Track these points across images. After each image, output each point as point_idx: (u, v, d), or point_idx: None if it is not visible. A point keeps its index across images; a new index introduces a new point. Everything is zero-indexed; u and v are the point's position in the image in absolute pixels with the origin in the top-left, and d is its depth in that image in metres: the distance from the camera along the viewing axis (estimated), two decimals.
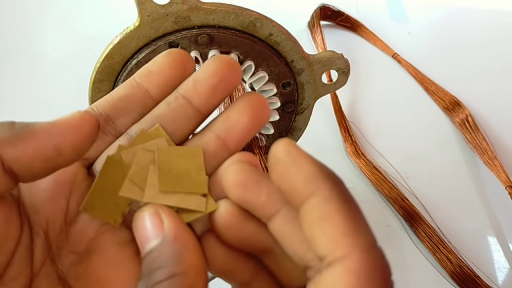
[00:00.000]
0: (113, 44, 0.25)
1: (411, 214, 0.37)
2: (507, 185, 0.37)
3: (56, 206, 0.17)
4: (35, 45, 0.57)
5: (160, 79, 0.18)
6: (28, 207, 0.16)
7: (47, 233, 0.17)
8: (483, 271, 0.33)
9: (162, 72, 0.18)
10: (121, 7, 0.62)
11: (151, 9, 0.24)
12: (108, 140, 0.18)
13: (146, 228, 0.16)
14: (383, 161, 0.42)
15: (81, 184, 0.17)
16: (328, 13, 0.58)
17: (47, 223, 0.17)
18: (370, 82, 0.51)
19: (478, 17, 0.61)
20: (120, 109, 0.18)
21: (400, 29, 0.59)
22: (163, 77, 0.18)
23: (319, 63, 0.28)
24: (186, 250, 0.15)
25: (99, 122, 0.17)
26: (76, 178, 0.17)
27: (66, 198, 0.17)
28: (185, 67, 0.18)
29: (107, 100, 0.18)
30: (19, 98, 0.49)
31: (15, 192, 0.16)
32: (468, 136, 0.43)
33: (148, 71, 0.18)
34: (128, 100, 0.18)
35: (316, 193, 0.13)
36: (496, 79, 0.51)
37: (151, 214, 0.16)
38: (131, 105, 0.18)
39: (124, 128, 0.18)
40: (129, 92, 0.18)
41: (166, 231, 0.15)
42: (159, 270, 0.14)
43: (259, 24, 0.26)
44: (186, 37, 0.25)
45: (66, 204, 0.17)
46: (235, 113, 0.17)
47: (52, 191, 0.17)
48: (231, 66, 0.17)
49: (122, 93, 0.18)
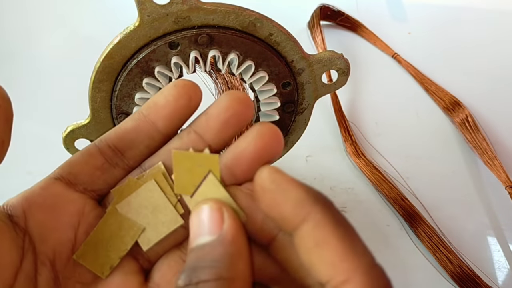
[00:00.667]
0: (113, 44, 0.25)
1: (411, 214, 0.37)
2: (507, 185, 0.37)
3: (63, 236, 0.17)
4: (35, 45, 0.57)
5: (166, 112, 0.17)
6: (35, 237, 0.16)
7: (53, 263, 0.17)
8: (483, 271, 0.33)
9: (168, 105, 0.17)
10: (121, 7, 0.62)
11: (151, 9, 0.24)
12: (116, 173, 0.18)
13: (204, 221, 0.15)
14: (383, 161, 0.42)
15: (90, 214, 0.18)
16: (328, 13, 0.58)
17: (54, 253, 0.17)
18: (370, 82, 0.51)
19: (478, 17, 0.61)
20: (127, 141, 0.18)
21: (400, 29, 0.59)
22: (169, 109, 0.17)
23: (319, 63, 0.28)
24: (239, 256, 0.15)
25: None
26: (84, 209, 0.17)
27: (74, 228, 0.17)
28: (191, 99, 0.17)
29: (115, 132, 0.18)
30: (19, 98, 0.49)
31: (21, 222, 0.16)
32: (468, 136, 0.43)
33: (154, 104, 0.18)
34: (135, 133, 0.18)
35: (307, 218, 0.13)
36: (496, 79, 0.51)
37: (214, 209, 0.16)
38: (138, 138, 0.18)
39: (132, 160, 0.18)
40: (136, 125, 0.18)
41: (225, 230, 0.15)
42: (207, 269, 0.14)
43: (259, 24, 0.26)
44: (186, 37, 0.25)
45: (74, 234, 0.17)
46: (244, 142, 0.17)
47: (59, 221, 0.17)
48: (242, 101, 0.17)
49: (129, 125, 0.18)
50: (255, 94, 0.29)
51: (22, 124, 0.46)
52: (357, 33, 0.58)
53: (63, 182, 0.17)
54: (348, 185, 0.40)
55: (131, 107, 0.28)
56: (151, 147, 0.18)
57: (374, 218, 0.38)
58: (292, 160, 0.38)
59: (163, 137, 0.18)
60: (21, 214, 0.16)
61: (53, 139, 0.32)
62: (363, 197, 0.39)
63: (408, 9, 0.62)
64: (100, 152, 0.18)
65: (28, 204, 0.17)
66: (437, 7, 0.63)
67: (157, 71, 0.26)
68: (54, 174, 0.18)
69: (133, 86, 0.27)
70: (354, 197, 0.39)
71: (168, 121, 0.18)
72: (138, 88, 0.27)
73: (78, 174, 0.17)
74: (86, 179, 0.18)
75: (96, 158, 0.18)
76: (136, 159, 0.18)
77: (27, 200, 0.17)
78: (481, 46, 0.56)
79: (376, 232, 0.37)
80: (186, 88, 0.17)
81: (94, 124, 0.28)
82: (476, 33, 0.58)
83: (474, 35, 0.58)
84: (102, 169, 0.18)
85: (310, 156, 0.42)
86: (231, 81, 0.32)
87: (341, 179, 0.40)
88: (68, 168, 0.18)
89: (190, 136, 0.17)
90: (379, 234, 0.37)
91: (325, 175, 0.40)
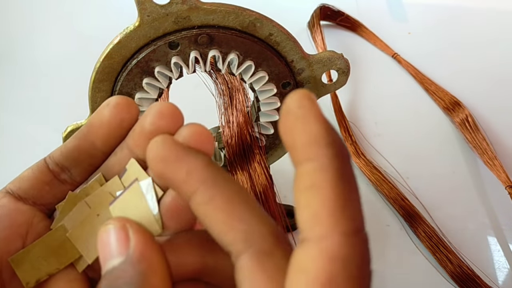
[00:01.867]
0: (113, 44, 0.25)
1: (411, 214, 0.37)
2: (507, 185, 0.37)
3: (11, 246, 0.17)
4: (35, 45, 0.57)
5: (102, 132, 0.18)
6: None
7: (0, 272, 0.17)
8: (483, 271, 0.33)
9: (102, 126, 0.18)
10: (121, 7, 0.62)
11: (151, 9, 0.24)
12: (65, 188, 0.18)
13: (110, 243, 0.15)
14: (383, 161, 0.42)
15: (38, 225, 0.18)
16: (328, 13, 0.58)
17: (1, 263, 0.17)
18: (370, 82, 0.51)
19: (478, 17, 0.61)
20: (71, 160, 0.18)
21: (400, 29, 0.59)
22: (103, 130, 0.18)
23: (319, 63, 0.28)
24: (152, 272, 0.14)
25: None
26: (33, 220, 0.18)
27: (22, 238, 0.17)
28: (122, 120, 0.17)
29: (60, 150, 0.18)
30: (19, 98, 0.49)
31: None
32: (468, 136, 0.43)
33: (91, 124, 0.18)
34: (77, 152, 0.18)
35: (314, 158, 0.12)
36: (496, 79, 0.51)
37: (118, 228, 0.15)
38: (80, 157, 0.18)
39: (79, 177, 0.18)
40: (77, 144, 0.18)
41: (132, 249, 0.14)
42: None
43: (259, 24, 0.26)
44: (186, 37, 0.25)
45: (22, 244, 0.17)
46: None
47: (7, 231, 0.17)
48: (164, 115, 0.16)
49: (71, 145, 0.18)
50: (255, 94, 0.29)
51: (22, 124, 0.46)
52: (357, 33, 0.58)
53: (13, 196, 0.18)
54: None
55: None
56: (94, 165, 0.18)
57: (374, 218, 0.38)
58: None
59: (103, 155, 0.18)
60: None
61: (53, 139, 0.32)
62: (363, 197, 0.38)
63: (408, 9, 0.62)
64: (49, 168, 0.18)
65: None
66: (437, 7, 0.63)
67: (157, 71, 0.26)
68: (5, 188, 0.18)
69: (133, 86, 0.27)
70: None
71: (105, 141, 0.18)
72: (138, 88, 0.27)
73: (28, 189, 0.18)
74: (35, 193, 0.18)
75: (45, 174, 0.18)
76: (82, 175, 0.19)
77: None
78: (481, 46, 0.56)
79: (376, 232, 0.37)
80: (118, 108, 0.17)
81: None
82: (476, 33, 0.58)
83: (474, 35, 0.58)
84: (50, 184, 0.18)
85: None
86: (231, 81, 0.32)
87: None
88: (18, 183, 0.18)
89: (123, 152, 0.18)
90: (379, 234, 0.37)
91: None
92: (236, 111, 0.32)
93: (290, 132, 0.13)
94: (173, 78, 0.27)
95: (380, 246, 0.36)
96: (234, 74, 0.28)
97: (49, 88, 0.50)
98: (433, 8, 0.63)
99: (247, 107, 0.32)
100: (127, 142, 0.18)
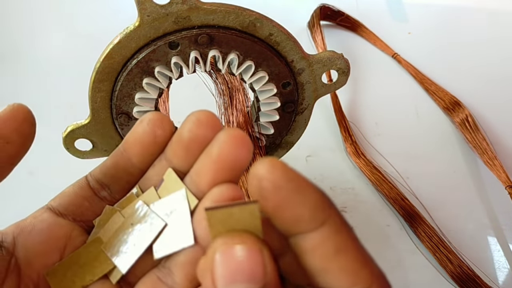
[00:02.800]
0: (113, 44, 0.25)
1: (411, 214, 0.37)
2: (507, 185, 0.37)
3: (48, 260, 0.17)
4: (35, 45, 0.57)
5: (137, 149, 0.18)
6: (21, 260, 0.17)
7: (37, 286, 0.17)
8: (483, 271, 0.33)
9: (136, 142, 0.18)
10: (121, 7, 0.62)
11: (151, 9, 0.24)
12: (104, 205, 0.19)
13: (242, 265, 0.13)
14: (383, 161, 0.42)
15: (77, 239, 0.18)
16: (328, 13, 0.58)
17: (38, 276, 0.17)
18: (370, 82, 0.51)
19: (478, 17, 0.61)
20: (110, 177, 0.18)
21: (400, 29, 0.59)
22: (138, 147, 0.18)
23: (319, 63, 0.28)
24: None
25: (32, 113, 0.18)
26: (72, 233, 0.18)
27: (60, 251, 0.18)
28: (156, 136, 0.17)
29: (100, 168, 0.19)
30: (19, 98, 0.49)
31: (10, 246, 0.17)
32: (468, 136, 0.43)
33: (127, 141, 0.18)
34: (115, 169, 0.18)
35: (327, 222, 0.13)
36: (496, 79, 0.51)
37: (252, 250, 0.13)
38: (118, 174, 0.18)
39: (118, 194, 0.19)
40: (115, 161, 0.18)
41: (269, 277, 0.13)
42: None
43: (259, 24, 0.26)
44: (186, 37, 0.25)
45: (60, 257, 0.18)
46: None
47: (45, 244, 0.18)
48: (202, 123, 0.17)
49: (110, 162, 0.18)
50: (255, 94, 0.29)
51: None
52: (357, 33, 0.58)
53: (53, 212, 0.18)
54: (348, 185, 0.40)
55: (131, 107, 0.28)
56: (131, 182, 0.19)
57: (374, 218, 0.38)
58: (292, 160, 0.38)
59: (140, 171, 0.19)
60: (11, 240, 0.17)
61: (53, 139, 0.32)
62: (363, 197, 0.39)
63: (408, 9, 0.62)
64: (89, 185, 0.19)
65: (18, 231, 0.17)
66: (437, 7, 0.63)
67: (157, 71, 0.26)
68: (46, 205, 0.19)
69: (133, 86, 0.27)
70: (354, 197, 0.39)
71: (141, 157, 0.18)
72: (138, 88, 0.27)
73: (68, 205, 0.18)
74: (75, 209, 0.18)
75: (85, 190, 0.18)
76: (120, 193, 0.19)
77: (18, 227, 0.18)
78: (481, 46, 0.56)
79: (376, 232, 0.37)
80: (151, 125, 0.17)
81: (94, 124, 0.28)
82: (476, 33, 0.58)
83: (474, 35, 0.58)
84: (90, 200, 0.18)
85: (310, 156, 0.42)
86: (231, 81, 0.32)
87: (341, 179, 0.40)
88: (58, 200, 0.18)
89: (161, 163, 0.18)
90: (379, 234, 0.37)
91: (325, 175, 0.40)
92: (236, 111, 0.32)
93: (287, 206, 0.13)
94: (173, 78, 0.27)
95: (380, 246, 0.36)
96: (234, 74, 0.28)
97: (49, 88, 0.50)
98: (433, 8, 0.63)
99: (247, 107, 0.32)
100: (166, 152, 0.18)
